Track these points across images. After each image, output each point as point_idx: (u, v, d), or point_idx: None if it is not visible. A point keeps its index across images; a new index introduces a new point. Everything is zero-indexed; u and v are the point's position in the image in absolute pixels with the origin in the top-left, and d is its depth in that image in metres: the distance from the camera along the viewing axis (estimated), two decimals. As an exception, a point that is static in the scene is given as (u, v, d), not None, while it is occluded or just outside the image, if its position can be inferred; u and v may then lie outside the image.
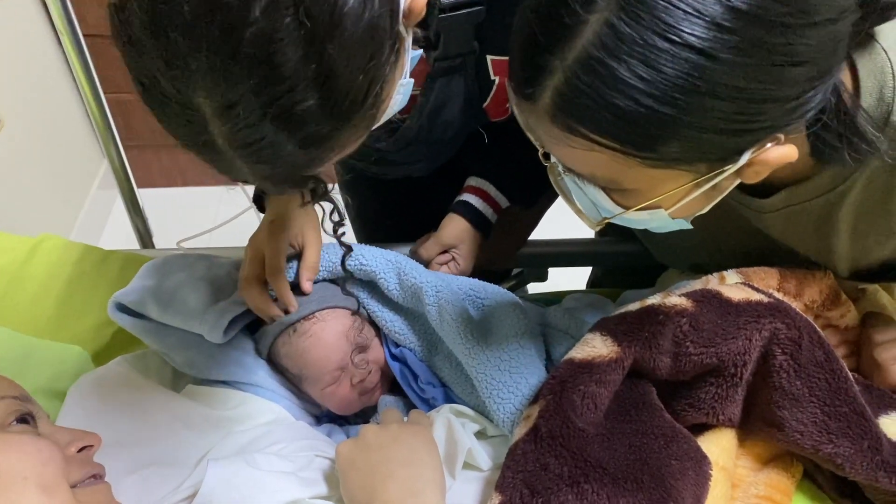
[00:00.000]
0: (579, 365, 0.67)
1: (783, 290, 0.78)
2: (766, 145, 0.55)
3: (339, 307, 0.90)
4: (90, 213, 2.20)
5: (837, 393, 0.66)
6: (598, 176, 0.58)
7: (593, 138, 0.53)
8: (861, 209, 0.69)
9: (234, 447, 0.80)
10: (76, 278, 1.06)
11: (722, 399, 0.68)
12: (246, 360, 0.90)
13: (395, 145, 0.91)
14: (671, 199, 0.59)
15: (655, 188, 0.58)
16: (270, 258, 0.87)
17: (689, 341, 0.68)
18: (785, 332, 0.67)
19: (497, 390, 0.75)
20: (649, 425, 0.65)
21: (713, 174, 0.56)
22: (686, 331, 0.68)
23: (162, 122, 0.55)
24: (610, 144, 0.53)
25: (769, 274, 0.78)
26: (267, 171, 0.56)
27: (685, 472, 0.62)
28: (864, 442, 0.65)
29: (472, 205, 1.00)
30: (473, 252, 1.01)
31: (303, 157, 0.55)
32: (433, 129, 0.89)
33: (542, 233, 1.18)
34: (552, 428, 0.63)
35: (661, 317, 0.68)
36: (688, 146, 0.52)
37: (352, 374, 0.87)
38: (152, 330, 0.89)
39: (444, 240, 0.99)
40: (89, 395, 0.86)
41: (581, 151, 0.55)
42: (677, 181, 0.57)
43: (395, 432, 0.71)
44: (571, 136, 0.54)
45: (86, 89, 1.17)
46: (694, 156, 0.54)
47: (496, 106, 0.92)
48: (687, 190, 0.58)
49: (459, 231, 1.00)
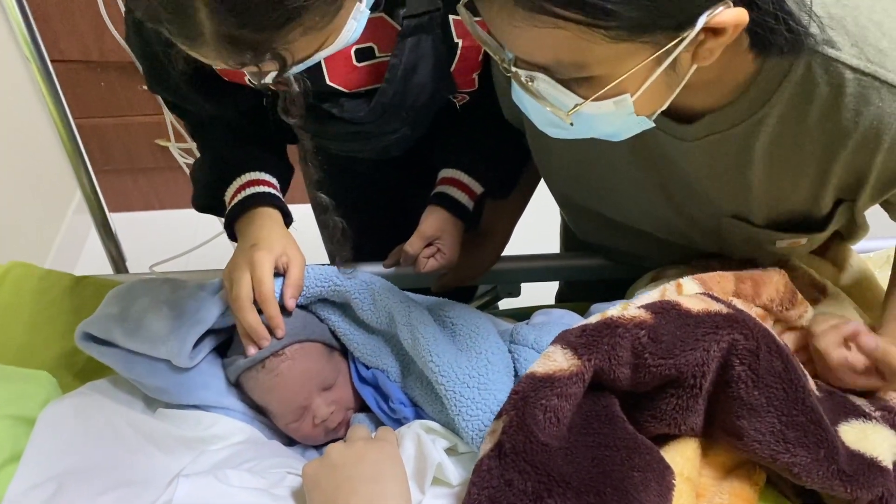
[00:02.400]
0: (541, 379, 0.68)
1: (740, 293, 0.79)
2: (718, 8, 0.57)
3: (310, 340, 0.90)
4: (66, 238, 2.19)
5: (794, 402, 0.67)
6: (564, 61, 0.60)
7: (557, 12, 0.55)
8: (776, 142, 0.72)
9: (207, 465, 0.80)
10: (45, 306, 1.05)
11: (683, 410, 0.69)
12: (215, 385, 0.90)
13: (372, 114, 0.92)
14: (635, 81, 0.61)
15: (618, 69, 0.60)
16: (260, 284, 0.87)
17: (648, 353, 0.68)
18: (743, 342, 0.68)
19: (466, 407, 0.76)
20: (612, 437, 0.66)
21: (672, 45, 0.58)
22: (645, 343, 0.69)
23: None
24: (573, 16, 0.55)
25: (725, 278, 0.79)
26: (232, 27, 0.58)
27: (648, 483, 0.63)
28: (820, 451, 0.66)
29: (447, 194, 1.01)
30: (457, 240, 1.02)
31: (269, 13, 0.58)
32: (407, 93, 0.90)
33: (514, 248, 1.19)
34: (515, 443, 0.63)
35: (621, 329, 0.69)
36: (645, 8, 0.55)
37: (314, 413, 0.87)
38: (121, 358, 0.89)
39: (426, 232, 1.00)
40: (60, 421, 0.86)
41: (546, 34, 0.57)
42: (639, 56, 0.59)
43: (359, 450, 0.71)
44: (536, 14, 0.56)
45: (54, 115, 1.18)
46: (652, 19, 0.56)
47: (463, 72, 0.93)
48: (649, 67, 0.60)
49: (440, 222, 1.00)
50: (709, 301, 0.74)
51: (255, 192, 0.97)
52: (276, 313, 0.87)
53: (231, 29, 0.59)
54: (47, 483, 0.77)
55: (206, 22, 0.58)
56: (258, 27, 0.59)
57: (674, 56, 0.59)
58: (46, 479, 0.78)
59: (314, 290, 0.92)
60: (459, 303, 0.94)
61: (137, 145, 2.24)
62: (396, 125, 0.97)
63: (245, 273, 0.88)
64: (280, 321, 0.87)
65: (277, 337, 0.87)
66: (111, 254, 1.32)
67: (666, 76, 0.61)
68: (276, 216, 0.96)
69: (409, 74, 0.88)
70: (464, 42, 0.89)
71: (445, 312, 0.90)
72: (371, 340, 0.91)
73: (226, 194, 0.98)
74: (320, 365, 0.89)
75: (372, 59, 0.88)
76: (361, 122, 0.93)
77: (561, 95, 0.63)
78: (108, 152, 2.24)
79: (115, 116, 2.16)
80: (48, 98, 1.16)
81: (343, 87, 0.90)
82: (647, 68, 0.60)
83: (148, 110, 2.13)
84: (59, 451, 0.82)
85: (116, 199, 2.34)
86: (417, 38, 0.86)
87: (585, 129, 0.68)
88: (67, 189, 2.23)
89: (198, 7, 0.57)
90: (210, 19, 0.58)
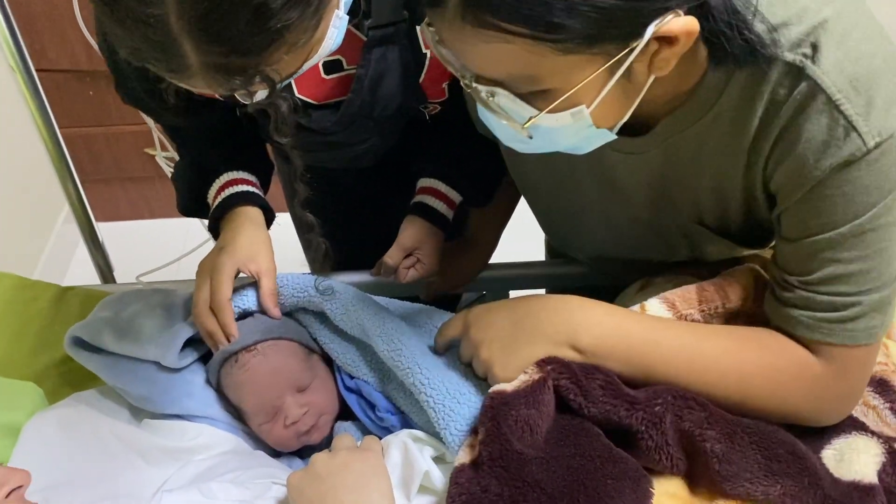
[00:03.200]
0: (510, 394, 0.69)
1: (704, 301, 0.80)
2: (667, 17, 0.57)
3: (284, 338, 0.90)
4: (55, 248, 2.19)
5: (771, 438, 0.67)
6: (516, 75, 0.60)
7: (503, 27, 0.55)
8: (724, 143, 0.71)
9: (191, 476, 0.80)
10: (32, 316, 1.05)
11: (658, 450, 0.68)
12: (200, 394, 0.90)
13: (340, 124, 0.93)
14: (589, 93, 0.61)
15: (571, 81, 0.60)
16: (216, 290, 0.89)
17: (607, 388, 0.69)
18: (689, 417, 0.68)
19: (454, 422, 0.76)
20: (587, 448, 0.66)
21: (623, 55, 0.58)
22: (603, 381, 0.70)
23: (116, 20, 0.58)
24: (519, 30, 0.55)
25: (688, 291, 0.79)
26: (217, 56, 0.58)
27: (622, 490, 0.63)
28: (804, 479, 0.66)
29: (426, 204, 1.02)
30: (436, 250, 1.02)
31: (252, 39, 0.58)
32: (375, 103, 0.90)
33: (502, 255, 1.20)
34: (492, 452, 0.64)
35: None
36: (590, 20, 0.55)
37: (285, 414, 0.87)
38: (108, 365, 0.89)
39: (405, 243, 1.00)
40: (45, 432, 0.86)
41: (495, 48, 0.57)
42: (591, 67, 0.59)
43: (343, 459, 0.71)
44: (483, 30, 0.56)
45: (40, 125, 1.18)
46: (599, 30, 0.56)
47: (432, 82, 0.94)
48: (602, 78, 0.60)
49: (418, 232, 1.01)
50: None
51: (234, 192, 0.97)
52: (228, 321, 0.88)
53: (217, 58, 0.59)
54: (32, 496, 0.76)
55: (192, 55, 0.58)
56: (244, 52, 0.60)
57: (625, 66, 0.59)
58: (31, 492, 0.77)
59: (291, 300, 0.92)
60: (445, 311, 0.94)
61: (126, 154, 2.24)
62: (365, 135, 0.98)
63: (205, 279, 0.90)
64: (233, 328, 0.88)
65: (229, 341, 0.88)
66: (98, 264, 1.32)
67: (622, 87, 0.61)
68: (255, 215, 0.96)
69: (376, 85, 0.88)
70: (432, 52, 0.89)
71: (431, 321, 0.90)
72: (350, 349, 0.91)
73: (208, 196, 0.99)
74: (294, 364, 0.89)
75: (340, 72, 0.89)
76: (329, 132, 0.94)
77: (520, 109, 0.63)
78: (97, 161, 2.24)
79: (103, 126, 2.16)
80: (34, 108, 1.16)
81: (312, 98, 0.91)
82: (601, 79, 0.60)
83: (137, 119, 2.12)
84: (43, 463, 0.83)
85: (106, 209, 2.34)
86: (384, 49, 0.86)
87: (546, 143, 0.68)
88: (56, 199, 2.22)
89: (181, 42, 0.58)
90: (195, 51, 0.58)
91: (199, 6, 0.56)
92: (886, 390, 0.79)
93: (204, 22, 0.56)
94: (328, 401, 0.90)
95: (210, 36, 0.57)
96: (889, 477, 0.70)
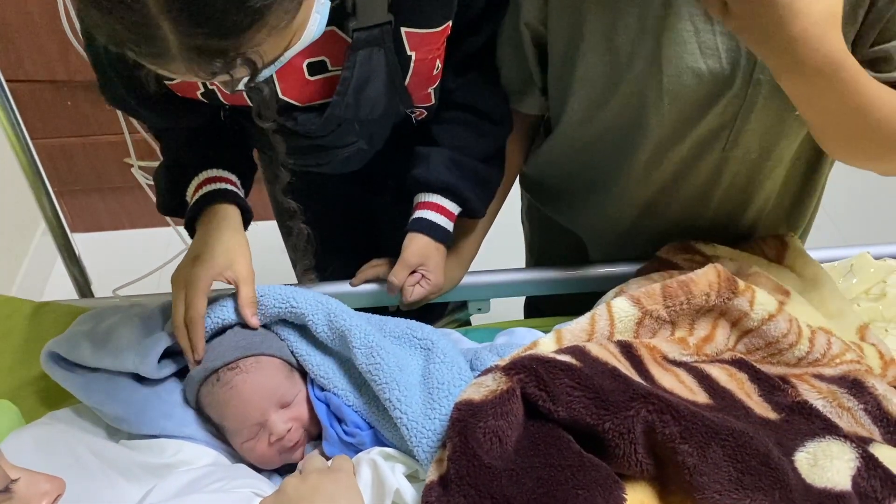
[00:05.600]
0: (477, 405, 0.68)
1: (668, 297, 0.80)
2: None
3: (266, 354, 0.89)
4: (35, 262, 2.17)
5: (745, 448, 0.68)
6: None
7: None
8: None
9: (175, 488, 0.79)
10: (6, 333, 1.04)
11: (627, 457, 0.69)
12: (176, 413, 0.89)
13: (325, 127, 0.92)
14: None
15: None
16: (189, 306, 0.88)
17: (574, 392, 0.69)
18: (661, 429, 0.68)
19: (426, 438, 0.76)
20: (557, 458, 0.66)
21: None
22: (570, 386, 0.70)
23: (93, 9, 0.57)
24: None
25: (653, 290, 0.81)
26: (199, 38, 0.58)
27: (593, 500, 0.63)
28: (775, 493, 0.66)
29: (427, 219, 1.02)
30: (441, 265, 1.03)
31: (233, 18, 0.58)
32: (360, 107, 0.90)
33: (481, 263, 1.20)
34: (460, 468, 0.64)
35: (549, 363, 0.71)
36: None
37: (270, 430, 0.86)
38: (83, 385, 0.88)
39: (410, 261, 1.00)
40: (22, 452, 0.85)
41: None
42: None
43: (314, 482, 0.71)
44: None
45: (12, 138, 1.16)
46: None
47: (418, 87, 0.94)
48: None
49: (422, 248, 1.01)
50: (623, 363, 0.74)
51: (212, 190, 0.95)
52: (197, 340, 0.87)
53: (197, 40, 0.58)
54: (7, 517, 0.75)
55: (171, 37, 0.58)
56: (224, 33, 0.59)
57: None
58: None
59: (272, 311, 0.92)
60: (426, 325, 0.94)
61: (105, 165, 2.23)
62: (351, 138, 0.97)
63: (181, 292, 0.89)
64: (200, 349, 0.87)
65: (196, 361, 0.87)
66: (76, 278, 1.30)
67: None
68: (232, 214, 0.94)
69: (362, 87, 0.88)
70: (417, 55, 0.89)
71: (413, 333, 0.90)
72: (327, 362, 0.90)
73: (187, 194, 0.97)
74: (277, 380, 0.88)
75: (324, 73, 0.88)
76: (315, 135, 0.93)
77: None
78: (75, 172, 2.23)
79: (82, 136, 2.15)
80: (3, 119, 1.14)
81: (296, 100, 0.90)
82: None
83: (115, 129, 2.11)
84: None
85: (85, 220, 2.32)
86: (369, 51, 0.86)
87: None
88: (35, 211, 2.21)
89: (160, 24, 0.57)
90: (174, 33, 0.58)
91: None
92: (861, 391, 0.80)
93: (183, 2, 0.56)
94: (312, 416, 0.90)
95: (189, 16, 0.56)
96: (865, 481, 0.70)
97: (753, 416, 0.75)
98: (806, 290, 0.99)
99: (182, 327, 0.88)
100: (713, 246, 1.03)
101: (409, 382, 0.81)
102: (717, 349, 0.84)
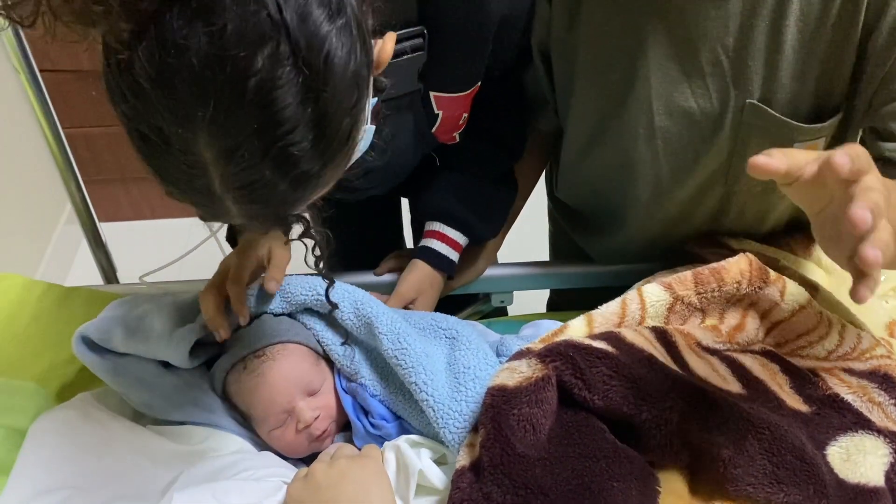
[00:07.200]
0: (511, 391, 0.68)
1: (700, 284, 0.80)
2: None
3: (293, 342, 0.89)
4: (58, 249, 2.19)
5: (781, 441, 0.67)
6: None
7: None
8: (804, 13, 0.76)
9: (204, 474, 0.79)
10: (36, 317, 1.05)
11: (662, 448, 0.68)
12: (204, 400, 0.89)
13: (354, 175, 0.93)
14: None
15: None
16: (234, 271, 0.89)
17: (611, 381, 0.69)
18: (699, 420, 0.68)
19: (452, 420, 0.76)
20: (592, 448, 0.66)
21: None
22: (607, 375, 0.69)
23: (159, 172, 0.58)
24: None
25: (684, 276, 0.80)
26: (258, 210, 0.59)
27: (628, 492, 0.63)
28: (809, 487, 0.66)
29: (433, 249, 1.04)
30: (434, 300, 1.05)
31: (292, 196, 0.59)
32: (388, 155, 0.90)
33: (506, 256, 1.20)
34: (493, 456, 0.63)
35: (585, 350, 0.70)
36: None
37: (297, 418, 0.86)
38: (111, 369, 0.89)
39: (405, 295, 1.03)
40: (52, 434, 0.86)
41: None
42: None
43: (343, 469, 0.71)
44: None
45: (44, 125, 1.17)
46: None
47: (443, 134, 0.96)
48: None
49: (420, 281, 1.03)
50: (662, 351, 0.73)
51: None
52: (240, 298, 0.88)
53: (257, 211, 0.60)
54: (39, 498, 0.76)
55: (233, 208, 0.59)
56: (286, 206, 0.61)
57: None
58: (36, 494, 0.77)
59: (299, 298, 0.92)
60: (450, 315, 0.94)
61: (128, 154, 2.21)
62: (378, 181, 1.00)
63: (221, 266, 0.91)
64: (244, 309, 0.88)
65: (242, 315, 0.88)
66: (101, 264, 1.31)
67: None
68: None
69: (389, 140, 0.89)
70: (444, 113, 0.92)
71: (438, 324, 0.90)
72: (353, 352, 0.90)
73: None
74: (304, 367, 0.88)
75: None
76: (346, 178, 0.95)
77: None
78: (99, 162, 2.24)
79: (106, 126, 2.16)
80: (37, 108, 1.16)
81: None
82: None
83: (139, 120, 2.13)
84: (50, 465, 0.83)
85: (108, 209, 2.34)
86: (396, 112, 0.88)
87: None
88: (59, 199, 2.23)
89: (224, 199, 0.58)
90: (236, 205, 0.59)
91: (240, 179, 0.56)
92: (892, 386, 0.79)
93: (246, 190, 0.57)
94: (339, 406, 0.90)
95: (252, 199, 0.58)
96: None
97: (785, 408, 0.74)
98: (834, 285, 0.98)
99: (213, 292, 0.89)
100: (740, 240, 1.02)
101: (435, 368, 0.81)
102: (748, 339, 0.83)
